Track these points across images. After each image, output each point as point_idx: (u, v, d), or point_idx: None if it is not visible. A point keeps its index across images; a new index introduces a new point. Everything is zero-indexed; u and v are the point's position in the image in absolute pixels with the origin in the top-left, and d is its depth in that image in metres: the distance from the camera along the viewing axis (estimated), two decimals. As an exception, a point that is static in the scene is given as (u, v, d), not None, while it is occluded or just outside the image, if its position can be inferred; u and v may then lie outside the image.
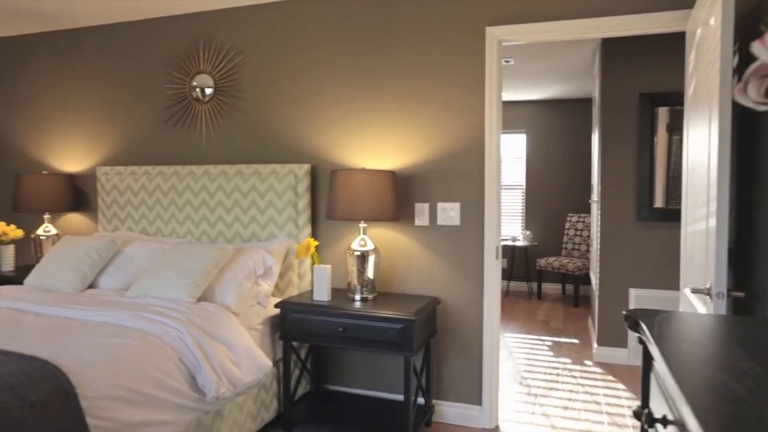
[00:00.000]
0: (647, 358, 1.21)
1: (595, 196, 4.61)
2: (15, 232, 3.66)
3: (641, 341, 1.21)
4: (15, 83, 4.04)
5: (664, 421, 0.94)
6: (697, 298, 2.06)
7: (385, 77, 3.06)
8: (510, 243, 6.46)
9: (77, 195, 3.86)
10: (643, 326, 1.10)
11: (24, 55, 4.00)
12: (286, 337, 2.78)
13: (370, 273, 2.83)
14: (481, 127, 2.90)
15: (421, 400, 3.02)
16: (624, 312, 1.22)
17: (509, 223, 6.99)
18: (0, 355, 1.81)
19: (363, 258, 2.81)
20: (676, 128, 3.87)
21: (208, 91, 3.44)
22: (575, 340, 4.59)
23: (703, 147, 2.02)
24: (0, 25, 3.71)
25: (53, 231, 3.69)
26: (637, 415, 1.15)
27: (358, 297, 2.83)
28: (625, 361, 3.98)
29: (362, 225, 2.87)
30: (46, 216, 3.72)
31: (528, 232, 6.52)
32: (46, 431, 1.60)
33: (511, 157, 7.00)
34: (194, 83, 3.47)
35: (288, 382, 2.81)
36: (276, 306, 2.76)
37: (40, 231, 3.67)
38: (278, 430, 2.84)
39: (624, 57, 3.93)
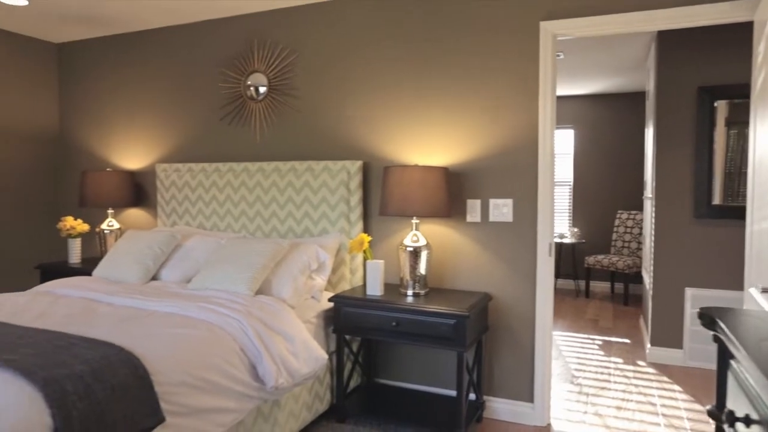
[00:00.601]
0: (723, 357, 1.19)
1: (648, 192, 4.49)
2: (81, 226, 3.85)
3: (716, 339, 1.19)
4: (81, 85, 4.25)
5: (747, 421, 0.93)
6: (766, 298, 1.99)
7: (436, 74, 3.06)
8: (557, 240, 6.37)
9: (137, 191, 4.03)
10: (722, 324, 1.08)
11: (89, 59, 4.20)
12: (340, 330, 2.84)
13: (422, 269, 2.86)
14: (534, 123, 2.88)
15: (472, 396, 3.02)
16: (699, 309, 1.20)
17: (556, 220, 6.88)
18: (81, 342, 1.92)
19: (415, 254, 2.84)
20: (735, 122, 3.73)
21: (262, 89, 3.53)
22: (626, 340, 4.49)
23: (773, 142, 1.95)
24: (66, 30, 3.91)
25: (116, 225, 3.87)
26: (713, 414, 1.13)
27: (410, 292, 2.86)
28: (680, 363, 3.87)
29: (414, 221, 2.89)
30: (110, 211, 3.90)
31: (575, 229, 6.40)
32: (125, 412, 1.69)
33: (558, 152, 6.88)
34: (249, 82, 3.57)
35: (341, 374, 2.87)
36: (330, 300, 2.82)
37: (104, 225, 3.85)
38: (331, 421, 2.91)
39: (682, 49, 3.81)
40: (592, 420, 2.98)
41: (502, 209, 2.97)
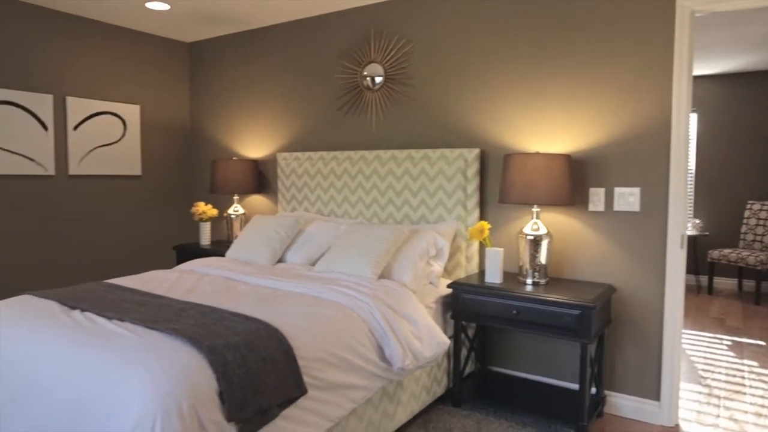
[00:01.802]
0: None
1: (790, 181, 4.07)
2: (211, 211, 4.18)
3: None
4: (209, 81, 4.58)
5: None
6: None
7: (557, 58, 2.97)
8: (676, 232, 5.95)
9: (260, 179, 4.29)
10: None
11: (216, 55, 4.51)
12: (458, 316, 2.87)
13: (542, 257, 2.81)
14: (667, 107, 2.71)
15: (592, 390, 2.94)
16: None
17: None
18: (231, 316, 2.11)
19: (536, 242, 2.79)
20: None
21: (378, 79, 3.61)
22: (761, 342, 4.13)
23: None
24: (197, 30, 4.22)
25: (241, 210, 4.15)
26: None
27: (529, 281, 2.82)
28: (827, 369, 3.51)
29: (535, 209, 2.85)
30: (236, 197, 4.19)
31: (697, 221, 5.96)
32: (274, 383, 1.83)
33: (678, 138, 6.40)
34: (365, 73, 3.66)
35: (458, 360, 2.91)
36: (449, 286, 2.85)
37: (230, 210, 4.15)
38: (447, 405, 2.95)
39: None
40: (726, 425, 2.79)
41: (628, 198, 2.84)
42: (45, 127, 3.78)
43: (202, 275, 2.95)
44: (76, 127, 3.96)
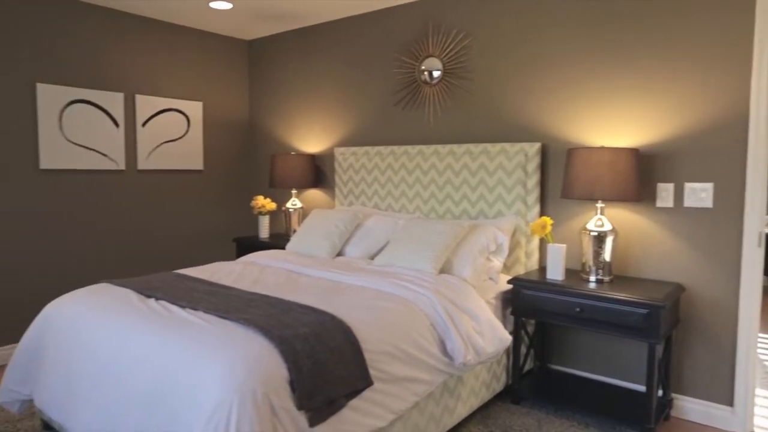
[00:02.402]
0: None
1: None
2: (270, 204, 4.28)
3: None
4: (267, 77, 4.69)
5: None
6: None
7: (625, 50, 2.88)
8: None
9: (317, 173, 4.36)
10: None
11: (274, 52, 4.61)
12: (518, 312, 2.83)
13: (606, 254, 2.74)
14: (744, 98, 2.58)
15: (658, 392, 2.85)
16: None
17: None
18: (297, 307, 2.16)
19: (600, 239, 2.72)
20: None
21: (436, 73, 3.60)
22: (841, 347, 3.89)
23: None
24: (257, 27, 4.32)
25: (298, 204, 4.24)
26: None
27: (593, 278, 2.76)
28: None
29: (599, 205, 2.77)
30: (293, 191, 4.28)
31: (769, 218, 5.64)
32: (341, 374, 1.87)
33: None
34: (423, 67, 3.66)
35: (517, 356, 2.88)
36: (509, 282, 2.82)
37: (288, 204, 4.24)
38: (506, 402, 2.93)
39: None
40: (805, 432, 2.65)
41: (699, 194, 2.72)
42: (116, 124, 3.97)
43: (264, 267, 3.03)
44: (144, 124, 4.13)
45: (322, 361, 1.83)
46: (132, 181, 4.10)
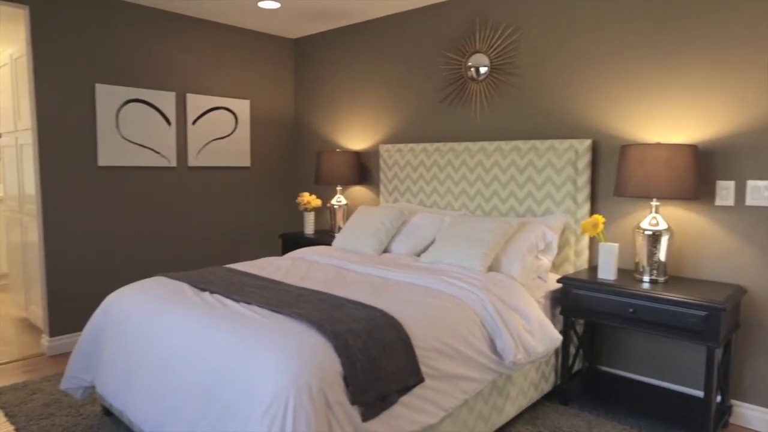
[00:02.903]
0: None
1: None
2: (315, 201, 4.33)
3: None
4: (313, 75, 4.74)
5: None
6: None
7: (681, 43, 2.78)
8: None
9: (362, 170, 4.39)
10: None
11: (319, 50, 4.65)
12: (568, 312, 2.78)
13: (661, 254, 2.65)
14: (814, 92, 2.45)
15: (717, 398, 2.75)
16: None
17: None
18: (348, 303, 2.18)
19: (654, 238, 2.65)
20: None
21: (483, 69, 3.56)
22: None
23: None
24: (303, 26, 4.37)
25: (343, 201, 4.27)
26: None
27: (646, 278, 2.68)
28: None
29: (654, 203, 2.69)
30: (338, 188, 4.32)
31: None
32: (393, 370, 1.88)
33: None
34: (469, 63, 3.62)
35: (566, 356, 2.83)
36: (559, 281, 2.78)
37: (333, 201, 4.28)
38: (554, 402, 2.88)
39: None
40: None
41: (763, 192, 2.61)
42: (168, 122, 4.09)
43: (312, 263, 3.08)
44: (194, 122, 4.25)
45: (375, 357, 1.85)
46: (182, 178, 4.22)
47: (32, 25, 3.38)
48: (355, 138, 4.43)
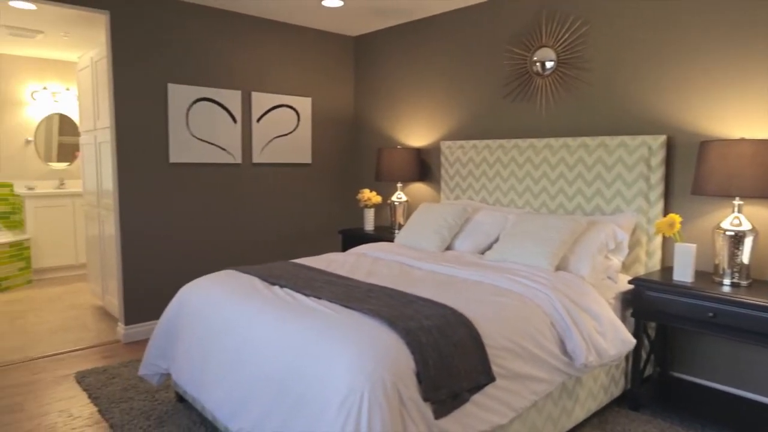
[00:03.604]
0: None
1: None
2: (376, 198, 4.36)
3: None
4: (372, 72, 4.76)
5: None
6: None
7: (761, 37, 2.62)
8: None
9: (423, 167, 4.38)
10: None
11: (380, 47, 4.67)
12: (640, 315, 2.69)
13: (744, 256, 2.52)
14: None
15: (801, 409, 2.59)
16: None
17: None
18: (417, 300, 2.18)
19: (737, 238, 2.51)
20: None
21: (549, 64, 3.48)
22: None
23: None
24: (364, 24, 4.40)
25: (404, 198, 4.28)
26: None
27: (727, 281, 2.55)
28: None
29: (736, 202, 2.55)
30: (399, 185, 4.33)
31: None
32: (464, 368, 1.87)
33: None
34: (535, 58, 3.55)
35: (638, 360, 2.73)
36: (631, 282, 2.68)
37: (394, 197, 4.29)
38: (623, 407, 2.79)
39: None
40: None
41: None
42: (234, 120, 4.21)
43: (375, 259, 3.10)
44: (258, 120, 4.36)
45: (447, 354, 1.84)
46: (247, 175, 4.34)
47: (112, 29, 3.56)
48: (416, 134, 4.42)
